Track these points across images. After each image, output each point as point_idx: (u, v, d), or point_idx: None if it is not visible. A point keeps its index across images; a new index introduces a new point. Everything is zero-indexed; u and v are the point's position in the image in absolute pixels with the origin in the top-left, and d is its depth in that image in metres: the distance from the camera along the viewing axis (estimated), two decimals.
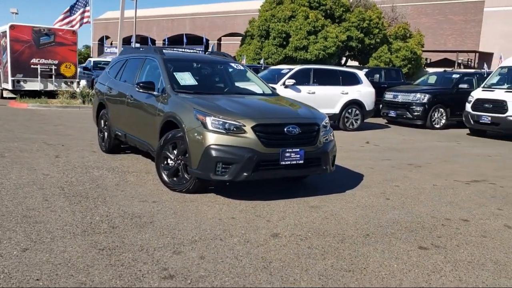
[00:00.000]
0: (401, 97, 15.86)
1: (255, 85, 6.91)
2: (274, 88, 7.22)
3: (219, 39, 53.43)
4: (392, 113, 15.92)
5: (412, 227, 4.72)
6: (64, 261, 3.49)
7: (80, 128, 10.93)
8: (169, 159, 5.60)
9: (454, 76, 16.75)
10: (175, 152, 5.53)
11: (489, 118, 13.11)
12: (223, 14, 54.02)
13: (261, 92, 6.72)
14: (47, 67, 17.68)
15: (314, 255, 3.84)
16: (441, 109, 15.53)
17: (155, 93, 5.99)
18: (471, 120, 13.66)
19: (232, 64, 7.07)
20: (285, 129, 5.14)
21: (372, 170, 7.56)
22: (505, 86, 13.69)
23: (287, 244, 4.05)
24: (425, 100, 15.30)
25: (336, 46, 19.97)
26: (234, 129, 5.02)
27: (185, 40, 51.49)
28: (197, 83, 6.25)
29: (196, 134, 5.10)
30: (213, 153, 4.95)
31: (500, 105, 12.94)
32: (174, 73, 6.18)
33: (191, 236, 4.14)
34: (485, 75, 16.57)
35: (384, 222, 4.81)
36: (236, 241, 4.08)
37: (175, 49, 7.42)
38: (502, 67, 14.63)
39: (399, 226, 4.72)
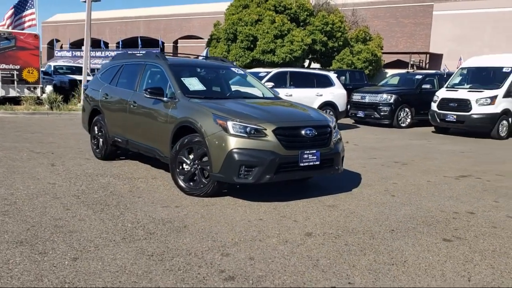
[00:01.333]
0: (368, 98, 16.45)
1: (256, 89, 7.05)
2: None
3: (175, 42, 52.99)
4: (361, 114, 16.47)
5: (428, 221, 5.02)
6: (120, 268, 3.51)
7: (60, 135, 10.65)
8: (184, 164, 5.64)
9: (417, 77, 17.55)
10: (191, 156, 5.58)
11: (455, 117, 13.85)
12: (178, 16, 53.62)
13: (265, 95, 6.87)
14: (9, 72, 17.01)
15: (354, 252, 4.04)
16: (406, 109, 16.24)
17: (164, 99, 6.01)
18: (437, 119, 14.37)
19: (233, 69, 7.17)
20: (303, 132, 5.33)
21: (365, 169, 7.87)
22: (467, 86, 14.52)
23: (324, 243, 4.23)
24: (392, 101, 15.95)
25: (302, 49, 20.43)
26: (255, 132, 5.16)
27: (140, 42, 50.75)
28: (205, 88, 6.32)
29: (217, 138, 5.18)
30: (237, 156, 5.06)
31: (464, 104, 13.70)
32: (182, 79, 6.23)
33: (231, 238, 4.23)
34: (445, 76, 17.47)
35: (401, 218, 5.09)
36: (275, 241, 4.22)
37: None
38: (462, 68, 15.49)
39: (416, 221, 5.01)
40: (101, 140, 7.59)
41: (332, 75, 14.36)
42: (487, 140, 13.09)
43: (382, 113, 15.94)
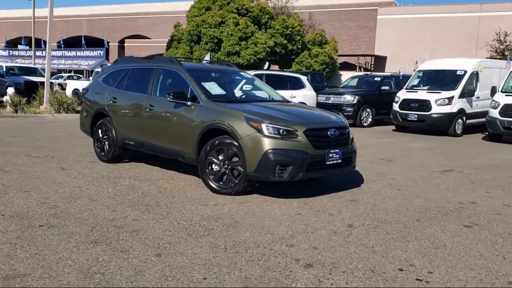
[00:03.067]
0: (332, 99, 17.24)
1: (264, 92, 7.42)
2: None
3: (121, 41, 51.90)
4: None
5: (442, 211, 5.63)
6: (206, 261, 3.79)
7: (43, 139, 10.46)
8: (213, 165, 5.93)
9: (376, 79, 18.56)
10: (220, 157, 5.88)
11: (416, 116, 14.88)
12: (123, 15, 52.59)
13: (274, 98, 7.25)
14: None
15: (398, 239, 4.54)
16: (368, 109, 17.18)
17: (188, 103, 6.25)
18: (399, 118, 15.35)
19: (242, 73, 7.51)
20: (329, 133, 5.80)
21: (358, 166, 8.42)
22: (426, 87, 15.63)
23: (368, 232, 4.71)
24: (355, 101, 16.83)
25: (266, 52, 20.98)
26: (287, 134, 5.55)
27: (83, 42, 49.36)
28: (225, 92, 6.62)
29: (252, 140, 5.52)
30: (272, 156, 5.43)
31: (424, 104, 14.76)
32: (202, 83, 6.49)
33: (285, 231, 4.61)
34: (400, 78, 18.64)
35: (418, 209, 5.67)
36: (325, 233, 4.64)
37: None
38: (419, 71, 16.65)
39: (432, 211, 5.61)
40: (107, 143, 7.65)
41: (303, 78, 15.00)
42: (446, 138, 14.18)
43: (346, 114, 16.70)
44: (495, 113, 13.29)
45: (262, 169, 5.48)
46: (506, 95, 13.43)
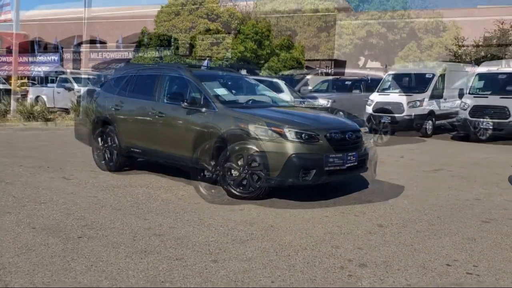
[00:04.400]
0: (307, 103, 17.53)
1: (268, 97, 7.49)
2: None
3: (77, 46, 50.34)
4: None
5: (455, 208, 5.90)
6: (265, 265, 3.84)
7: (26, 148, 10.09)
8: (233, 170, 5.95)
9: (346, 82, 19.06)
10: (239, 163, 5.91)
11: (389, 118, 15.39)
12: (78, 20, 51.06)
13: (282, 103, 7.34)
14: None
15: (431, 236, 4.75)
16: (340, 112, 17.57)
17: (203, 109, 6.24)
18: (373, 121, 15.82)
19: (246, 79, 7.56)
20: (346, 136, 5.96)
21: None
22: (397, 90, 16.19)
23: (400, 231, 4.88)
24: (329, 105, 17.18)
25: (237, 57, 21.13)
26: (309, 138, 5.67)
27: (36, 47, 47.47)
28: (237, 98, 6.66)
29: (275, 145, 5.60)
30: (297, 160, 5.53)
31: (397, 107, 15.29)
32: (215, 89, 6.50)
33: (323, 233, 4.72)
34: (369, 81, 19.22)
35: (432, 206, 5.91)
36: (361, 233, 4.78)
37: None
38: (389, 74, 17.23)
39: (446, 208, 5.87)
40: (108, 151, 7.49)
41: (281, 82, 15.19)
42: (418, 138, 14.74)
43: None
44: (465, 114, 13.97)
45: (286, 173, 5.57)
46: (474, 97, 14.16)
